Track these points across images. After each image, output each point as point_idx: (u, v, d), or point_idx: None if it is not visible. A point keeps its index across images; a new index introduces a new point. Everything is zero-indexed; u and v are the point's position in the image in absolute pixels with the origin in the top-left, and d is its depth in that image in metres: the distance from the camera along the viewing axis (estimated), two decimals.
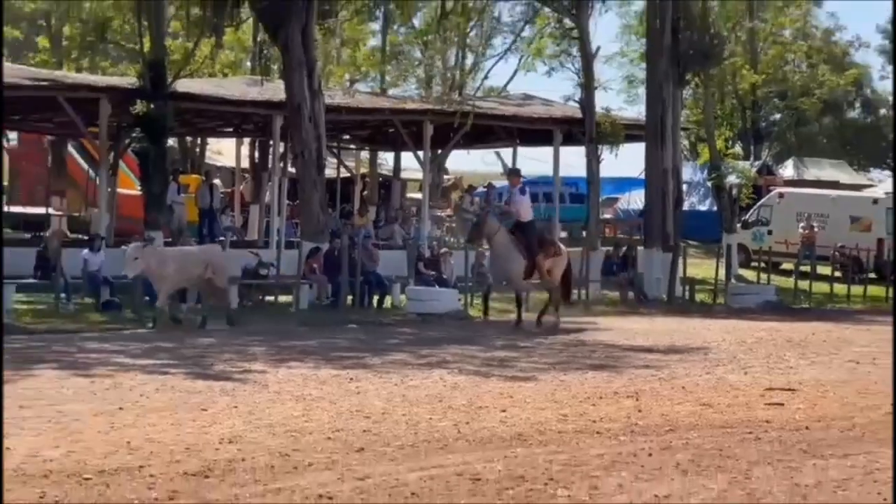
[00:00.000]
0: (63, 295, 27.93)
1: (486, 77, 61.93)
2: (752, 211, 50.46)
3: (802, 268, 42.03)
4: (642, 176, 42.91)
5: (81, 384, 17.20)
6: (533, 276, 27.89)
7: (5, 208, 47.23)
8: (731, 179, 46.53)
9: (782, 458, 12.62)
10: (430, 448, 12.89)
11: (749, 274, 45.80)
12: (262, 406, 15.59)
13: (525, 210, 28.04)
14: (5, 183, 54.66)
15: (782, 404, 16.59)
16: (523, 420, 14.82)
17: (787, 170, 69.16)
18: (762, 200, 51.29)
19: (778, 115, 77.24)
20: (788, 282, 42.37)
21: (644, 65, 44.68)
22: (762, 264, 43.29)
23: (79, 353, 21.30)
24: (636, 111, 46.64)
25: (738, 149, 59.49)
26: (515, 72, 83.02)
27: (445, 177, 56.41)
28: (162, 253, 26.12)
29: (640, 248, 39.13)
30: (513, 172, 30.53)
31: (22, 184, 52.13)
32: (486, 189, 49.66)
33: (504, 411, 15.50)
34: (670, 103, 38.95)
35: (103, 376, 18.09)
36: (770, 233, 49.45)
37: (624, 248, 39.23)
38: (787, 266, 45.50)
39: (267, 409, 15.35)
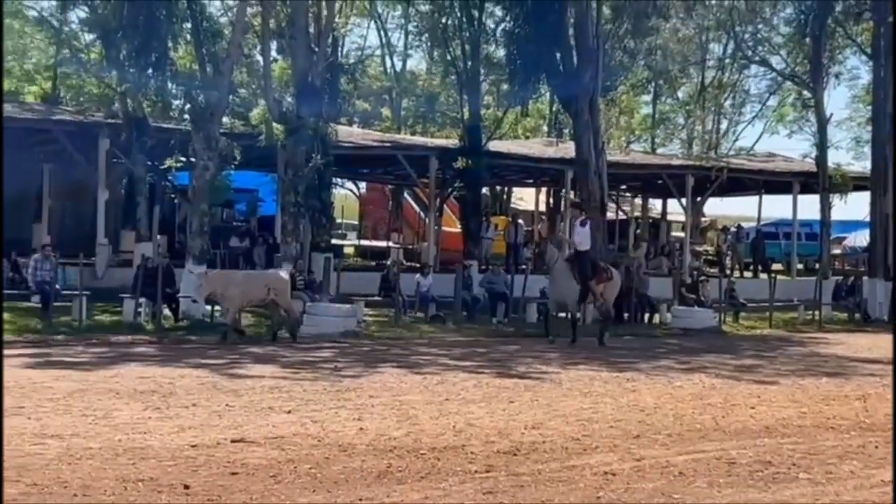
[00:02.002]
0: (401, 310, 28.45)
1: (736, 139, 60.95)
2: None
3: None
4: (867, 219, 41.71)
5: (416, 380, 17.52)
6: (587, 299, 25.82)
7: (357, 242, 48.64)
8: None
9: None
10: (693, 436, 12.76)
11: None
12: (558, 400, 15.65)
13: (583, 240, 25.51)
14: (352, 221, 56.22)
15: None
16: (769, 416, 14.56)
17: None
18: None
19: None
20: None
21: (870, 127, 43.29)
22: None
23: (412, 355, 21.68)
24: (862, 165, 45.26)
25: None
26: (761, 134, 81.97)
27: (703, 219, 55.60)
28: (227, 277, 24.30)
29: (865, 277, 38.00)
30: (574, 206, 28.80)
31: (369, 223, 53.47)
32: (735, 229, 48.90)
33: (753, 408, 15.26)
34: (891, 159, 37.83)
35: (432, 374, 18.39)
36: None
37: (852, 278, 38.29)
38: None
39: (561, 402, 15.40)
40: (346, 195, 55.49)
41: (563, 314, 26.04)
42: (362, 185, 52.44)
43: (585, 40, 33.09)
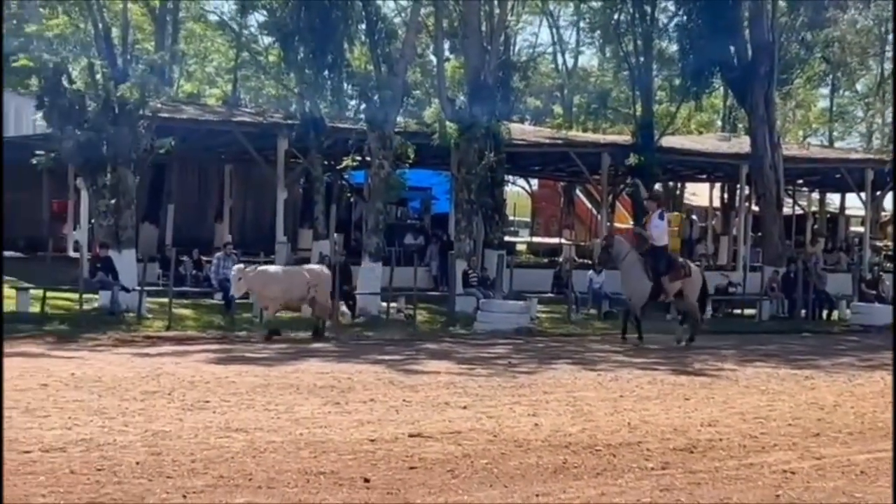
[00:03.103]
0: (573, 307, 28.41)
1: None
2: None
3: None
4: None
5: (590, 377, 17.49)
6: (660, 296, 24.20)
7: (530, 239, 48.66)
8: None
9: None
10: (875, 435, 12.49)
11: None
12: (734, 397, 15.47)
13: (658, 235, 23.88)
14: (524, 219, 56.26)
15: None
16: None
17: None
18: None
19: None
20: None
21: None
22: None
23: (586, 352, 21.66)
24: None
25: None
26: None
27: (883, 213, 54.09)
28: (266, 274, 22.95)
29: None
30: (651, 198, 26.84)
31: (541, 220, 53.49)
32: None
33: None
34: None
35: (606, 371, 18.33)
36: None
37: None
38: None
39: (738, 399, 15.22)
40: (518, 192, 55.52)
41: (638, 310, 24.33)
42: (534, 182, 52.40)
43: (760, 33, 32.55)
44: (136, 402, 13.26)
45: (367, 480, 9.49)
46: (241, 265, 23.15)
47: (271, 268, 24.40)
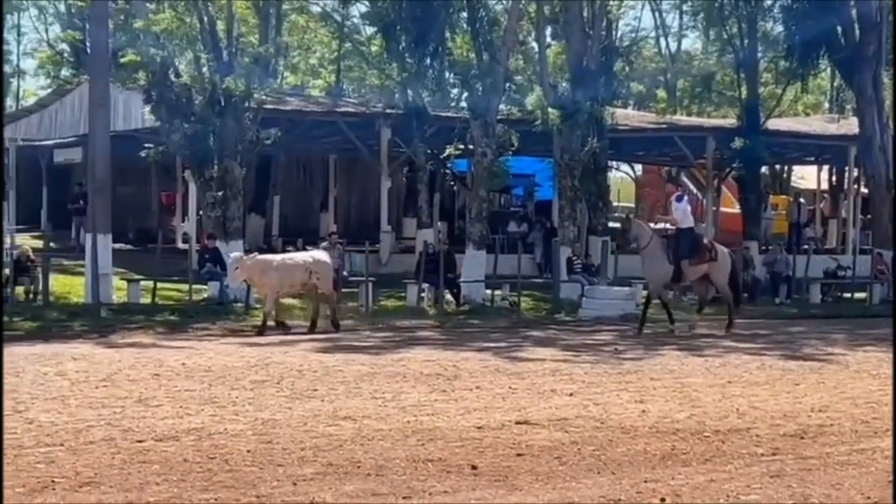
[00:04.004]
0: (679, 292, 28.13)
1: None
2: None
3: None
4: None
5: (697, 362, 17.35)
6: (682, 280, 23.23)
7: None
8: None
9: None
10: None
11: None
12: (844, 382, 15.26)
13: (682, 216, 23.00)
14: (629, 204, 55.88)
15: None
16: None
17: None
18: None
19: None
20: None
21: None
22: None
23: (693, 338, 21.46)
24: None
25: None
26: None
27: None
28: (264, 262, 21.86)
29: None
30: (672, 181, 26.08)
31: (645, 205, 53.06)
32: None
33: None
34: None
35: (714, 356, 18.16)
36: None
37: None
38: None
39: (849, 384, 15.01)
40: (622, 178, 55.14)
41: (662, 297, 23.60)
42: (638, 167, 52.01)
43: (868, 12, 31.97)
44: (246, 391, 13.45)
45: (474, 467, 9.53)
46: (238, 254, 22.29)
47: (269, 256, 23.44)
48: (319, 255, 22.90)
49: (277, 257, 23.23)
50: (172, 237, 33.34)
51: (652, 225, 24.68)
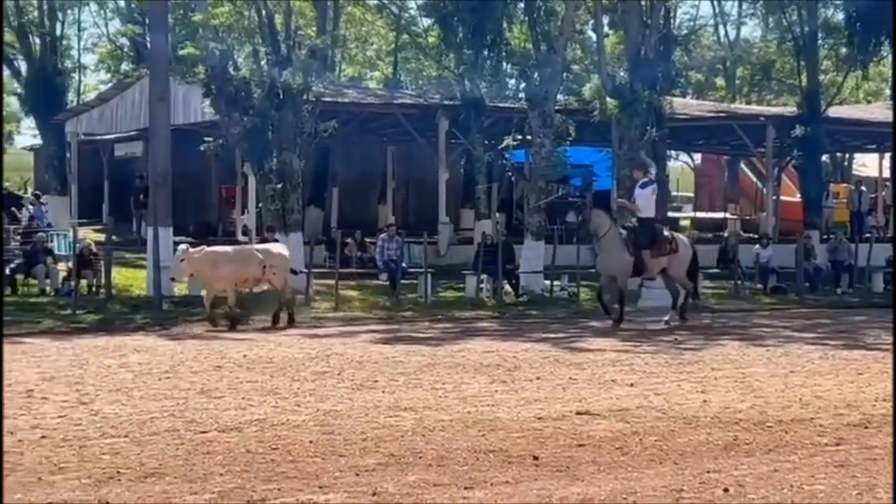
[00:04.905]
0: (740, 281, 27.99)
1: None
2: None
3: None
4: None
5: (758, 352, 17.23)
6: (644, 272, 22.11)
7: (693, 214, 48.09)
8: None
9: None
10: None
11: None
12: None
13: (645, 204, 21.74)
14: (688, 194, 55.61)
15: None
16: None
17: None
18: None
19: None
20: None
21: None
22: None
23: (753, 328, 21.35)
24: None
25: None
26: None
27: None
28: (215, 254, 20.75)
29: None
30: (638, 166, 24.60)
31: (704, 194, 52.79)
32: None
33: None
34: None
35: (775, 346, 18.04)
36: None
37: None
38: None
39: None
40: (681, 167, 54.91)
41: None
42: (697, 156, 51.74)
43: None
44: (307, 383, 13.52)
45: (535, 458, 9.52)
46: (185, 246, 20.90)
47: (220, 248, 22.22)
48: (274, 247, 21.98)
49: (229, 249, 22.30)
50: (232, 230, 33.54)
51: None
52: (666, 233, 22.61)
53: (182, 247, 20.89)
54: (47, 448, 9.66)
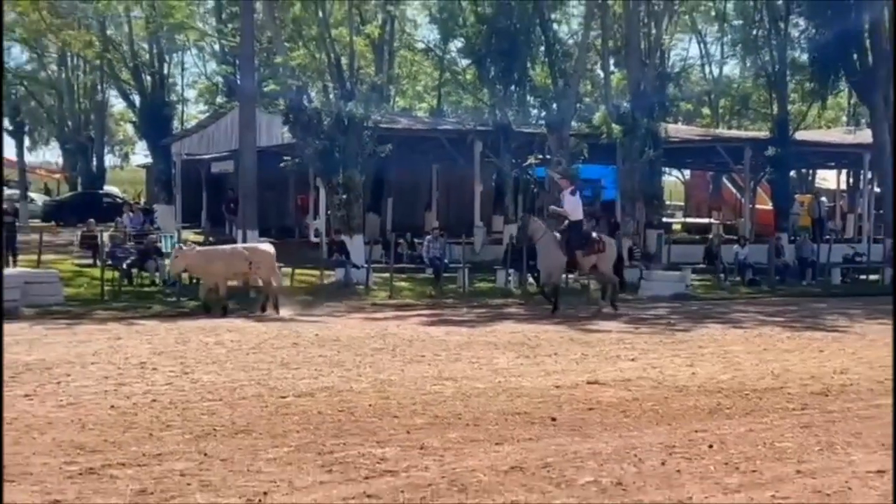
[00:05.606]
0: (722, 275, 27.76)
1: None
2: None
3: None
4: None
5: (737, 333, 17.12)
6: (577, 269, 21.65)
7: (684, 220, 47.79)
8: None
9: None
10: None
11: None
12: (862, 349, 15.02)
13: (574, 210, 21.03)
14: (679, 203, 55.24)
15: None
16: None
17: None
18: None
19: None
20: None
21: None
22: None
23: (733, 313, 21.14)
24: None
25: None
26: None
27: None
28: (209, 252, 20.27)
29: None
30: (564, 177, 23.96)
31: (693, 204, 52.45)
32: None
33: None
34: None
35: (751, 328, 17.90)
36: None
37: None
38: None
39: (866, 351, 14.77)
40: (673, 181, 54.51)
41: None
42: (687, 172, 51.40)
43: (879, 42, 31.35)
44: (367, 357, 13.54)
45: (553, 419, 9.51)
46: (180, 245, 20.58)
47: (211, 247, 21.75)
48: (260, 245, 21.10)
49: (220, 248, 21.63)
50: (307, 232, 33.59)
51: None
52: (594, 234, 22.16)
53: (176, 245, 20.83)
54: (157, 409, 9.74)
